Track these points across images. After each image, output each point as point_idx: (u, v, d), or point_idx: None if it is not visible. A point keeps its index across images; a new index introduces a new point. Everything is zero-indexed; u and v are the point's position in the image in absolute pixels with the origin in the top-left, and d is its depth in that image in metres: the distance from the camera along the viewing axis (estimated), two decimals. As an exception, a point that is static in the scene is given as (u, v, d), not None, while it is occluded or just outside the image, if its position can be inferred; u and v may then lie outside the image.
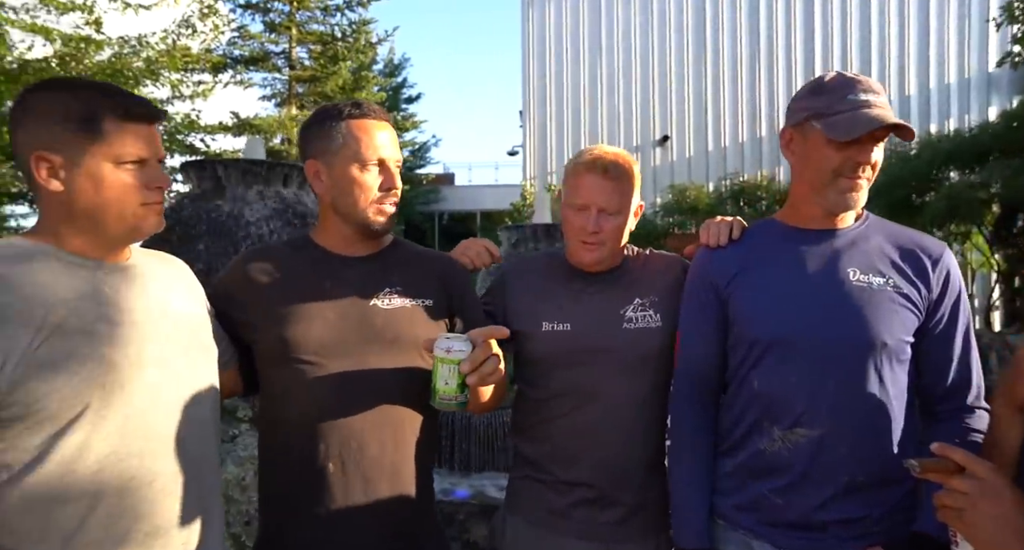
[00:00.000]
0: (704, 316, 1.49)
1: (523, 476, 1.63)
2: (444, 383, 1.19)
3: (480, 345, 1.18)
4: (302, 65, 14.92)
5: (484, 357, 1.17)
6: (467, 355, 1.17)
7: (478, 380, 1.18)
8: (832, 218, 1.41)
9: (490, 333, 1.21)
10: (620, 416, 1.53)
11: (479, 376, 1.17)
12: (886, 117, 1.28)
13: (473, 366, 1.17)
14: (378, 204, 1.38)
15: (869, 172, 1.34)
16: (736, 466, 1.42)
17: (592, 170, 1.53)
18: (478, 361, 1.17)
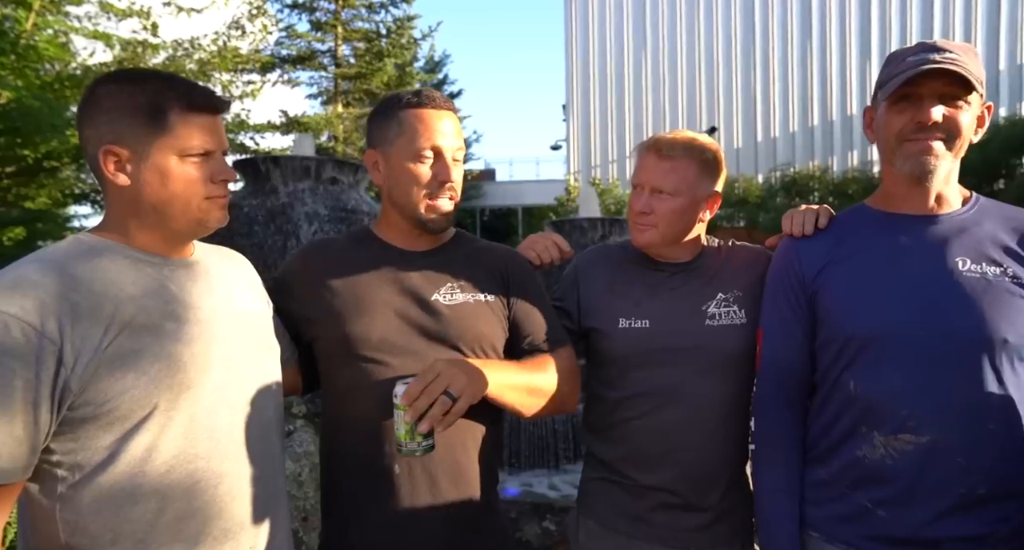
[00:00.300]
0: (789, 312, 1.38)
1: (599, 478, 1.56)
2: (399, 430, 1.13)
3: (426, 390, 1.11)
4: (347, 63, 15.11)
5: (428, 402, 1.10)
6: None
7: (428, 425, 1.11)
8: (925, 198, 1.28)
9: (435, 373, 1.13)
10: (702, 418, 1.45)
11: (429, 421, 1.10)
12: (932, 66, 1.18)
13: (416, 414, 1.10)
14: (430, 199, 1.33)
15: (940, 133, 1.21)
16: (830, 475, 1.31)
17: (649, 150, 1.48)
18: (420, 409, 1.10)
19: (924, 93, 1.22)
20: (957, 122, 1.21)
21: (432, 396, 1.11)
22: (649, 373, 1.47)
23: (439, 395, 1.12)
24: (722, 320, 1.47)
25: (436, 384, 1.12)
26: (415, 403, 1.11)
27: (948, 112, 1.21)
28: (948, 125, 1.22)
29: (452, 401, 1.12)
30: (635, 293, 1.51)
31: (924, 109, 1.22)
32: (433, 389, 1.12)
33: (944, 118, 1.21)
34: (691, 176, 1.48)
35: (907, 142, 1.25)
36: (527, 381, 1.32)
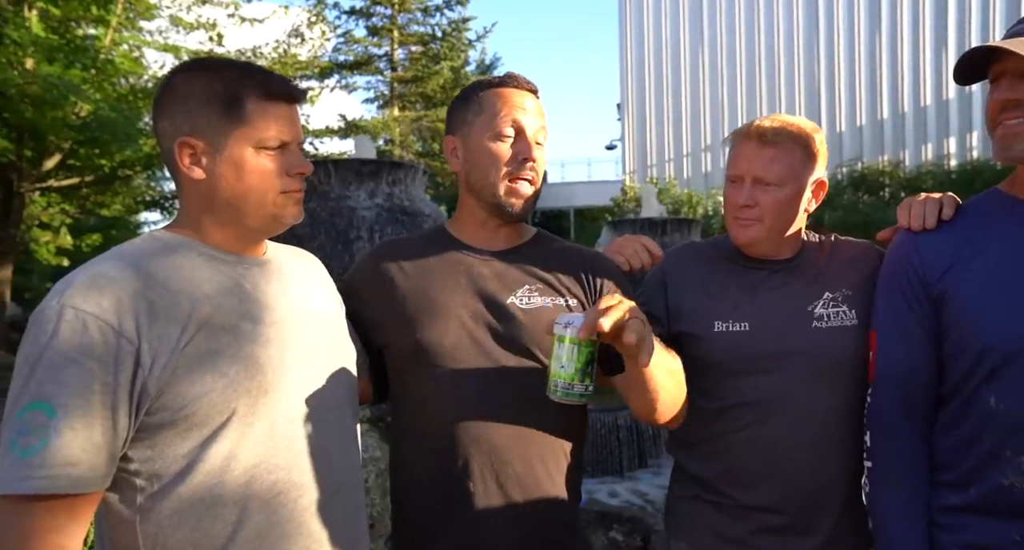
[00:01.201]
0: (908, 313, 1.23)
1: (691, 496, 1.43)
2: (560, 367, 1.00)
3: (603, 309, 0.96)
4: (403, 66, 15.31)
5: (612, 304, 0.96)
6: None
7: (612, 325, 0.95)
8: None
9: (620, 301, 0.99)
10: (810, 430, 1.31)
11: (611, 321, 0.95)
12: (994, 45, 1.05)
13: (597, 317, 0.94)
14: (509, 181, 1.24)
15: (1020, 111, 1.07)
16: (967, 502, 1.16)
17: (748, 138, 1.35)
18: (606, 308, 0.95)
19: (1009, 68, 1.09)
20: None
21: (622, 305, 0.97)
22: (750, 381, 1.34)
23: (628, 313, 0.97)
24: (831, 321, 1.33)
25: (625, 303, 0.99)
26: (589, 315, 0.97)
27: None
28: None
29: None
30: (731, 294, 1.39)
31: (1001, 88, 1.10)
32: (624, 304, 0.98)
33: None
34: (796, 163, 1.34)
35: (999, 126, 1.11)
36: (675, 366, 1.19)
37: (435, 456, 1.21)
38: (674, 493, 1.49)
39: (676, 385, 1.20)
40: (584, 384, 1.00)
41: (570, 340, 0.99)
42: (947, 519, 1.18)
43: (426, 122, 14.89)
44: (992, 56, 1.12)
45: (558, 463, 1.23)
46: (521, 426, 1.20)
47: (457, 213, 1.35)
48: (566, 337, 0.99)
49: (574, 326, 0.98)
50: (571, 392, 1.00)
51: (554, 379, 1.01)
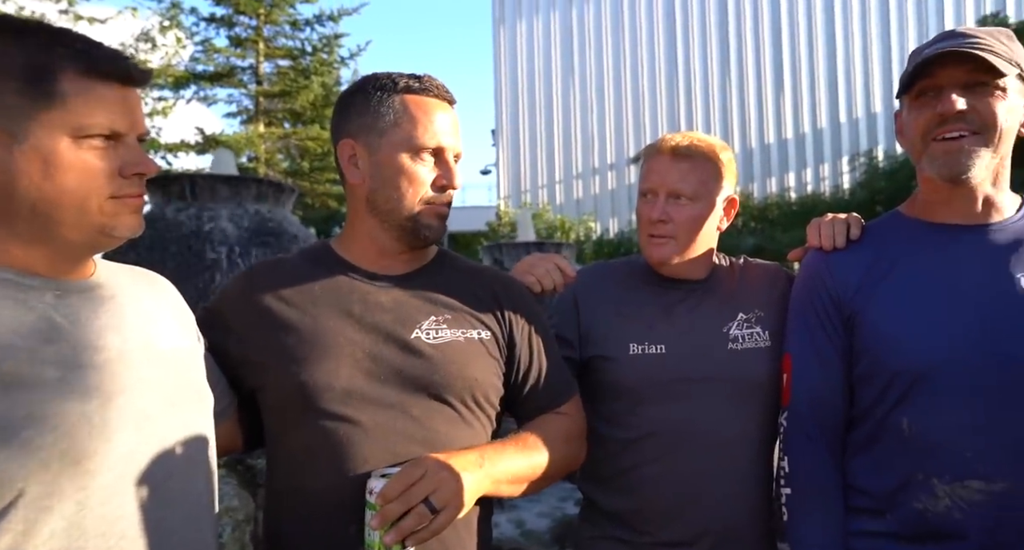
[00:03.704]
0: (823, 336, 1.21)
1: (603, 536, 1.33)
2: (367, 534, 0.91)
3: (402, 495, 0.90)
4: (270, 80, 14.52)
5: (401, 510, 0.89)
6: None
7: (396, 537, 0.88)
8: (970, 204, 1.14)
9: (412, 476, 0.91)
10: (728, 459, 1.25)
11: (397, 533, 0.88)
12: (943, 50, 1.06)
13: (384, 521, 0.88)
14: (429, 205, 1.09)
15: (969, 125, 1.08)
16: (886, 527, 1.14)
17: (660, 152, 1.32)
18: (391, 516, 0.88)
19: (943, 82, 1.08)
20: (986, 111, 1.07)
21: (409, 503, 0.89)
22: (664, 408, 1.27)
23: (418, 503, 0.89)
24: (746, 343, 1.29)
25: (418, 488, 0.90)
26: (385, 508, 0.88)
27: (973, 101, 1.07)
28: (976, 115, 1.07)
29: (432, 513, 0.90)
30: (646, 315, 1.31)
31: (944, 100, 1.07)
32: (412, 494, 0.89)
33: (970, 107, 1.07)
34: (708, 178, 1.31)
35: (933, 142, 1.11)
36: (529, 466, 1.08)
37: (320, 522, 1.00)
38: (585, 534, 1.38)
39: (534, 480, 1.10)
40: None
41: (372, 506, 0.90)
42: (863, 544, 1.15)
43: (294, 140, 14.19)
44: (922, 71, 1.11)
45: (469, 524, 1.06)
46: None
47: (348, 231, 1.15)
48: (369, 502, 0.90)
49: (378, 493, 0.90)
50: None
51: (366, 545, 0.91)
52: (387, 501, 0.88)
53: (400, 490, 0.89)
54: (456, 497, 0.92)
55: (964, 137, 1.08)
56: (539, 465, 1.08)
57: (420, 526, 0.89)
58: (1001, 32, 1.12)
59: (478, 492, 0.97)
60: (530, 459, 1.07)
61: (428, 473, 0.91)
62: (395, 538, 0.88)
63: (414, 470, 0.91)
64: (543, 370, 1.16)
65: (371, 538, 0.90)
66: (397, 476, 0.91)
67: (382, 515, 0.88)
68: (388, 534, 0.88)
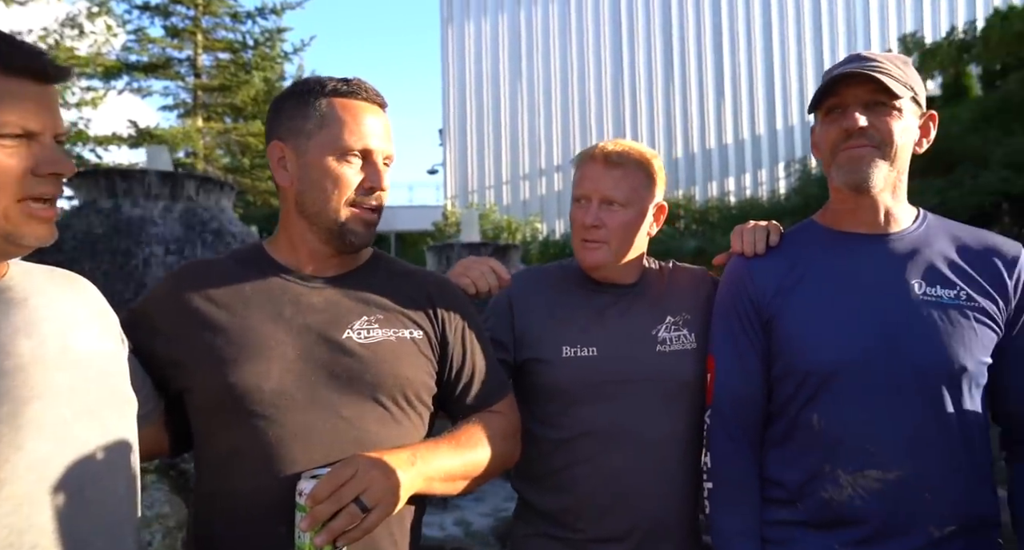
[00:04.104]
0: (744, 338, 1.27)
1: (537, 533, 1.35)
2: (297, 536, 0.90)
3: (332, 496, 0.89)
4: (209, 74, 14.02)
5: (332, 510, 0.88)
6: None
7: (327, 538, 0.88)
8: (873, 215, 1.23)
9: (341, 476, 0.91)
10: (657, 457, 1.30)
11: (328, 534, 0.88)
12: (847, 71, 1.16)
13: (315, 522, 0.88)
14: (355, 208, 1.09)
15: (869, 140, 1.17)
16: (796, 516, 1.21)
17: (593, 159, 1.35)
18: (321, 517, 0.88)
19: (848, 101, 1.18)
20: (883, 128, 1.16)
21: (340, 503, 0.88)
22: (596, 408, 1.30)
23: (349, 503, 0.88)
24: (673, 345, 1.34)
25: (348, 487, 0.89)
26: (316, 509, 0.87)
27: (873, 118, 1.16)
28: (876, 132, 1.17)
29: (363, 512, 0.89)
30: (579, 319, 1.35)
31: (849, 116, 1.17)
32: (343, 494, 0.89)
33: (871, 124, 1.16)
34: (640, 185, 1.35)
35: (840, 153, 1.20)
36: (462, 464, 1.09)
37: (249, 524, 0.99)
38: (519, 532, 1.40)
39: (469, 478, 1.11)
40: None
41: (302, 508, 0.89)
42: (776, 533, 1.22)
43: (235, 135, 13.75)
44: (830, 90, 1.19)
45: (402, 522, 1.07)
46: None
47: (280, 233, 1.15)
48: (299, 504, 0.89)
49: (307, 494, 0.89)
50: None
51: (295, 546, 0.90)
52: (317, 502, 0.88)
53: (330, 490, 0.88)
54: (388, 495, 0.92)
55: (864, 150, 1.17)
56: (473, 463, 1.10)
57: (351, 526, 0.89)
58: (899, 58, 1.22)
59: (411, 490, 0.97)
60: (464, 457, 1.08)
61: (359, 472, 0.91)
62: (326, 539, 0.87)
63: (344, 469, 0.90)
64: (476, 369, 1.18)
65: (301, 540, 0.89)
66: (327, 476, 0.90)
67: (312, 516, 0.87)
68: (319, 535, 0.87)
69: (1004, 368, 1.20)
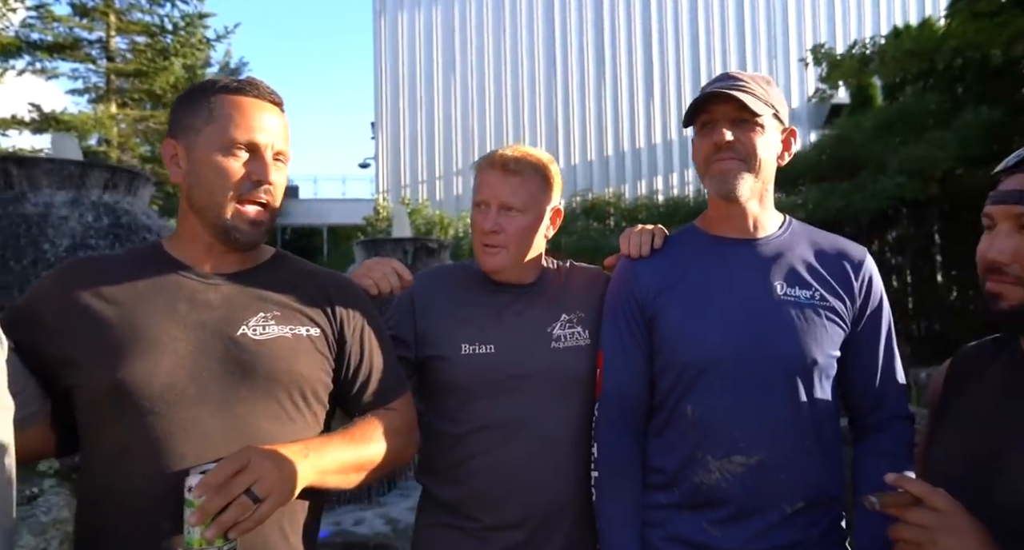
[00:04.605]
0: (629, 336, 1.37)
1: (438, 524, 1.41)
2: (187, 531, 0.90)
3: (220, 487, 0.89)
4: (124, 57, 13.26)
5: (222, 503, 0.89)
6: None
7: (217, 531, 0.88)
8: (743, 221, 1.35)
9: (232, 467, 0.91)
10: (552, 448, 1.37)
11: (218, 527, 0.88)
12: (714, 90, 1.27)
13: (205, 516, 0.88)
14: (238, 203, 1.09)
15: (735, 154, 1.28)
16: (672, 500, 1.31)
17: (492, 166, 1.41)
18: (212, 510, 0.88)
19: (717, 117, 1.29)
20: (748, 143, 1.28)
21: (230, 495, 0.88)
22: (494, 403, 1.37)
23: (240, 494, 0.88)
24: (567, 342, 1.42)
25: (239, 478, 0.89)
26: (206, 501, 0.87)
27: (739, 134, 1.28)
28: (741, 146, 1.28)
29: (254, 503, 0.89)
30: (478, 317, 1.41)
31: (717, 131, 1.28)
32: (234, 485, 0.89)
33: (736, 139, 1.27)
34: (537, 191, 1.42)
35: (711, 164, 1.31)
36: (356, 458, 1.11)
37: (134, 520, 0.99)
38: (421, 522, 1.45)
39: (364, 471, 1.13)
40: (215, 546, 0.89)
41: (191, 503, 0.89)
42: (655, 516, 1.33)
43: (153, 123, 13.08)
44: (701, 107, 1.30)
45: (293, 516, 1.09)
46: None
47: (178, 230, 1.16)
48: (190, 501, 0.89)
49: (195, 489, 0.89)
50: None
51: (187, 544, 0.89)
52: (209, 493, 0.88)
53: (220, 481, 0.89)
54: (280, 486, 0.93)
55: (731, 162, 1.28)
56: (367, 457, 1.12)
57: (243, 517, 0.89)
58: (763, 78, 1.33)
59: (303, 481, 0.99)
60: (357, 451, 1.10)
61: (251, 463, 0.91)
62: (217, 531, 0.88)
63: (235, 460, 0.91)
64: (374, 368, 1.21)
65: (191, 535, 0.88)
66: (217, 468, 0.90)
67: (202, 510, 0.87)
68: (209, 528, 0.87)
69: (849, 361, 1.34)
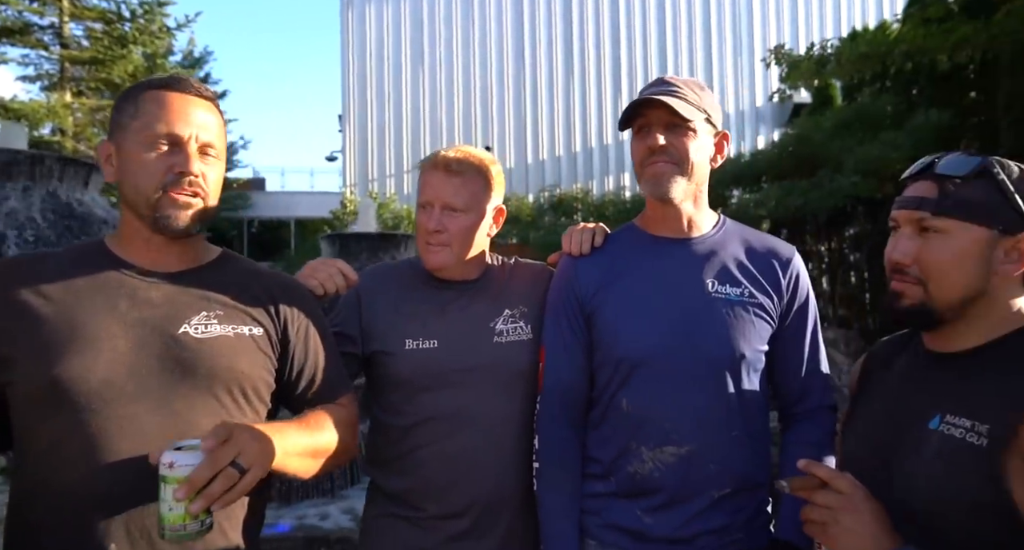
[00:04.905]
0: (570, 331, 1.41)
1: (385, 514, 1.44)
2: (168, 509, 0.89)
3: (208, 457, 0.90)
4: (78, 45, 12.84)
5: (209, 474, 0.89)
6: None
7: (203, 504, 0.88)
8: (678, 221, 1.41)
9: (219, 436, 0.92)
10: (495, 440, 1.41)
11: (205, 499, 0.88)
12: (648, 97, 1.31)
13: (192, 489, 0.87)
14: (165, 192, 1.10)
15: (668, 157, 1.33)
16: (609, 489, 1.37)
17: (436, 167, 1.44)
18: (198, 482, 0.88)
19: (652, 122, 1.33)
20: (680, 147, 1.33)
21: (217, 466, 0.88)
22: (438, 396, 1.40)
23: (225, 465, 0.89)
24: (510, 336, 1.46)
25: (225, 450, 0.90)
26: (193, 475, 0.87)
27: (671, 138, 1.33)
28: (673, 150, 1.33)
29: (240, 474, 0.90)
30: (422, 313, 1.44)
31: (651, 136, 1.33)
32: (220, 456, 0.89)
33: (669, 143, 1.32)
34: (479, 191, 1.46)
35: (646, 167, 1.35)
36: (313, 443, 1.13)
37: (70, 518, 1.00)
38: (368, 513, 1.49)
39: (318, 458, 1.14)
40: (199, 520, 0.90)
41: (175, 481, 0.88)
42: (592, 504, 1.38)
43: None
44: (636, 112, 1.34)
45: (231, 515, 1.10)
46: None
47: (120, 228, 1.16)
48: (171, 477, 0.88)
49: (179, 465, 0.88)
50: (182, 533, 0.89)
51: (165, 521, 0.89)
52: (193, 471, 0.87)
53: (212, 455, 0.89)
54: (261, 458, 0.94)
55: (664, 165, 1.33)
56: (322, 443, 1.14)
57: (228, 487, 0.89)
58: (696, 84, 1.38)
59: (272, 455, 0.98)
60: (313, 437, 1.12)
61: (233, 435, 0.92)
62: (204, 504, 0.88)
63: (218, 433, 0.91)
64: (319, 367, 1.23)
65: (173, 512, 0.88)
66: (208, 439, 0.89)
67: (190, 483, 0.87)
68: (195, 502, 0.87)
69: (776, 354, 1.40)
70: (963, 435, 0.92)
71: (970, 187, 0.99)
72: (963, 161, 1.00)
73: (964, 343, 1.02)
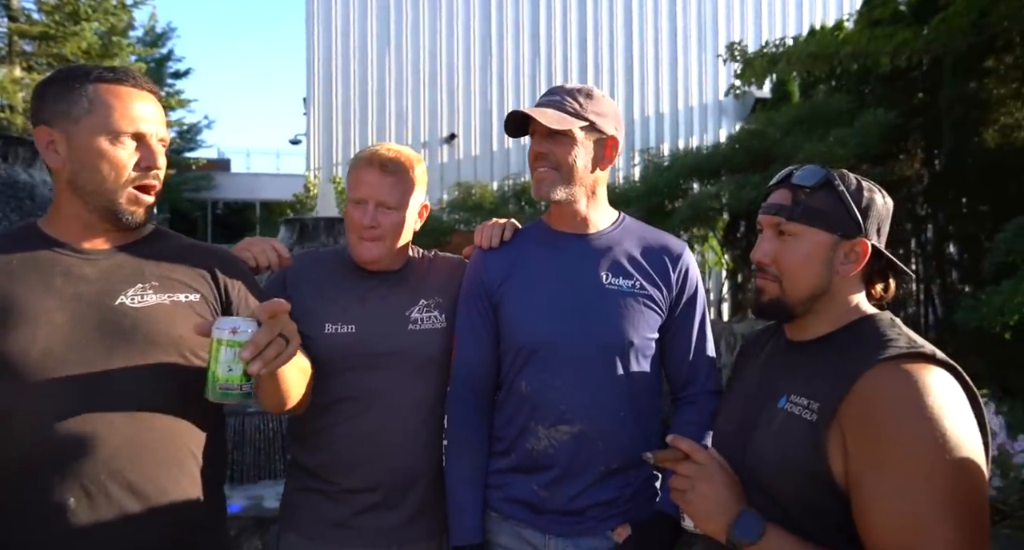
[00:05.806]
0: (479, 319, 1.52)
1: (301, 488, 1.54)
2: (227, 370, 1.03)
3: (265, 324, 1.02)
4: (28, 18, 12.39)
5: (268, 339, 1.01)
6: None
7: (261, 366, 1.01)
8: (574, 219, 1.52)
9: (273, 309, 1.03)
10: (404, 418, 1.52)
11: (263, 361, 1.01)
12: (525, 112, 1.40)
13: (256, 349, 1.00)
14: (132, 188, 1.17)
15: (548, 163, 1.43)
16: (510, 465, 1.48)
17: (371, 165, 1.51)
18: (261, 344, 1.01)
19: (536, 129, 1.44)
20: (560, 154, 1.42)
21: (273, 333, 1.01)
22: (354, 377, 1.49)
23: (276, 335, 1.02)
24: (424, 324, 1.56)
25: (277, 322, 1.02)
26: (258, 337, 0.99)
27: (551, 146, 1.44)
28: (552, 156, 1.43)
29: (285, 343, 1.04)
30: (343, 300, 1.53)
31: (535, 143, 1.43)
32: (275, 326, 1.02)
33: (548, 150, 1.44)
34: (411, 190, 1.55)
35: (532, 172, 1.47)
36: (304, 363, 1.26)
37: (23, 481, 1.07)
38: (288, 487, 1.58)
39: (303, 379, 1.29)
40: (249, 383, 1.05)
41: (236, 344, 1.01)
42: (496, 479, 1.50)
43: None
44: (522, 120, 1.44)
45: (184, 466, 1.18)
46: (134, 429, 1.11)
47: (53, 211, 1.22)
48: (233, 341, 1.02)
49: (241, 331, 1.01)
50: (234, 392, 1.03)
51: (221, 381, 1.02)
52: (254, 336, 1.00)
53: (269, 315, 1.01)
54: (295, 336, 1.07)
55: (545, 170, 1.44)
56: (307, 368, 1.29)
57: (278, 353, 1.02)
58: (586, 92, 1.47)
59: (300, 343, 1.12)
60: (303, 358, 1.26)
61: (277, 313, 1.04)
62: (261, 365, 1.00)
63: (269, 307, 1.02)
64: None
65: (233, 372, 1.02)
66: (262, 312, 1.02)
67: (255, 344, 0.99)
68: (254, 363, 1.00)
69: (666, 342, 1.53)
70: (800, 412, 1.06)
71: (816, 196, 1.12)
72: (812, 173, 1.13)
73: (813, 333, 1.15)
